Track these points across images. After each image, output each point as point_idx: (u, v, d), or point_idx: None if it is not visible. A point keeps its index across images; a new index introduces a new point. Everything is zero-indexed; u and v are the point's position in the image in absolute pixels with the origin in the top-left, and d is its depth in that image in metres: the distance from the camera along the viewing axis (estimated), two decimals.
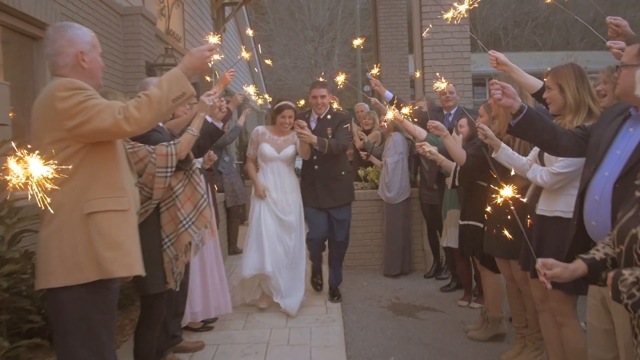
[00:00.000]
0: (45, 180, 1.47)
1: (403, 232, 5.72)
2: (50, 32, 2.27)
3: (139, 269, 2.23)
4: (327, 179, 4.72)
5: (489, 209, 3.13)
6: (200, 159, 3.86)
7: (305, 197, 4.74)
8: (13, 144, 1.82)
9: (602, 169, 2.09)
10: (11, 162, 1.45)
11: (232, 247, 7.04)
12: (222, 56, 2.41)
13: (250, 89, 4.92)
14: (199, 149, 3.39)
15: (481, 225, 3.70)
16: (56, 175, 1.50)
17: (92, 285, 2.12)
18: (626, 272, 1.66)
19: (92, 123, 2.06)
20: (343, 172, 4.82)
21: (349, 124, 4.85)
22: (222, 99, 3.33)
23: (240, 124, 6.82)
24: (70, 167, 1.63)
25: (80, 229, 2.11)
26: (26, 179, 1.47)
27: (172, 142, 2.90)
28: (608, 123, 2.19)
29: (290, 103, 4.64)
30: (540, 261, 1.97)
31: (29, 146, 1.54)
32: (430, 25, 5.24)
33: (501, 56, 2.98)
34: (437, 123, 3.83)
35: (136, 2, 6.66)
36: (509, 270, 3.43)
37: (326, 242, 5.02)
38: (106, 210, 2.14)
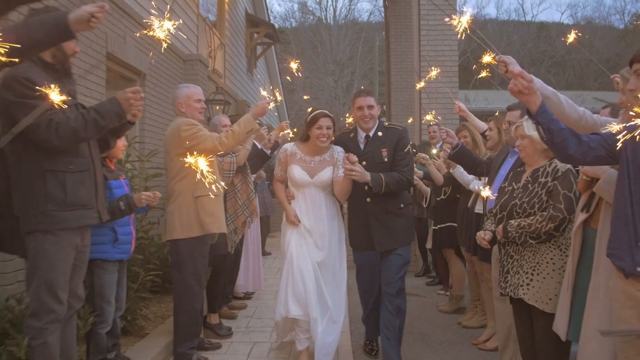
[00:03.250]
0: (202, 173, 2.99)
1: None
2: (172, 91, 3.86)
3: (224, 229, 3.76)
4: (383, 214, 3.76)
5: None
6: (254, 175, 5.38)
7: (355, 240, 3.93)
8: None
9: (495, 181, 3.56)
10: (189, 159, 2.97)
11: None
12: (275, 104, 3.96)
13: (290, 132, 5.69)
14: (252, 168, 4.89)
15: (456, 224, 5.09)
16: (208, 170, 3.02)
17: (197, 238, 3.62)
18: (512, 221, 2.95)
19: (201, 145, 3.58)
20: (402, 205, 3.84)
21: (409, 145, 3.86)
22: (270, 133, 4.87)
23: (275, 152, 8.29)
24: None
25: (191, 205, 3.62)
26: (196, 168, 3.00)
27: (233, 154, 4.43)
28: (501, 155, 3.68)
29: (326, 111, 3.85)
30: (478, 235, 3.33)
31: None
32: (427, 77, 6.75)
33: (462, 105, 4.52)
34: (424, 155, 5.26)
35: (193, 49, 8.34)
36: (470, 255, 4.83)
37: None
38: (207, 195, 3.63)
